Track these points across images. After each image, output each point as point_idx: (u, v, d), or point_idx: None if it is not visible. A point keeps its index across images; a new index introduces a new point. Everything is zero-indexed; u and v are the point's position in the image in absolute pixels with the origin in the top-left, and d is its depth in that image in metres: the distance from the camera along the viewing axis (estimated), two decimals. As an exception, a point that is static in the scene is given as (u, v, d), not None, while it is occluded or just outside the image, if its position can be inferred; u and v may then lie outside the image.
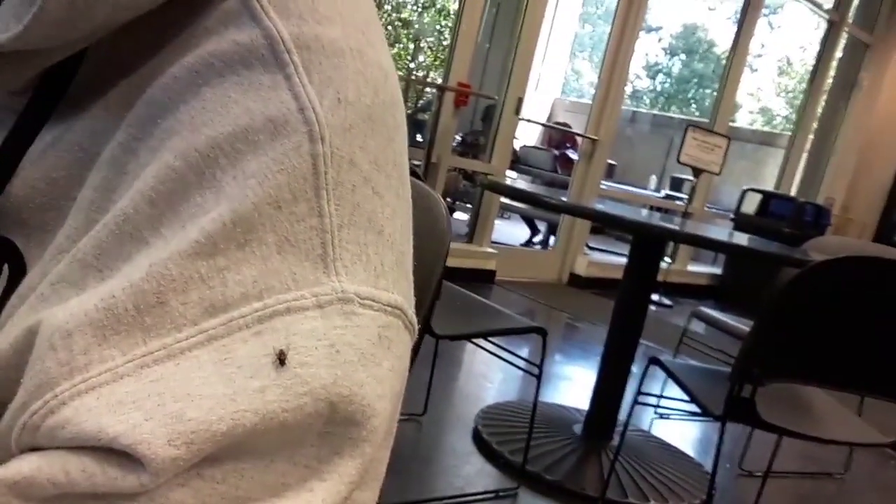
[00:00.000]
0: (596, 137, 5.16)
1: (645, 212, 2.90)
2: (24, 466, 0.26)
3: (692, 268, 6.20)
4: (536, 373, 2.09)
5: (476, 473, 2.15)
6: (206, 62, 0.31)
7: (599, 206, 2.45)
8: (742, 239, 2.68)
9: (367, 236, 0.31)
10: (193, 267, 0.28)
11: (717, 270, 6.30)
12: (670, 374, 1.93)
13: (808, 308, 1.65)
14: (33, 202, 0.35)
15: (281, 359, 0.28)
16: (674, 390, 1.88)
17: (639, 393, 2.02)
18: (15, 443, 0.27)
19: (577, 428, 2.45)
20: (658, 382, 2.87)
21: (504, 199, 5.10)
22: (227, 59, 0.31)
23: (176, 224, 0.29)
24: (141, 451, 0.25)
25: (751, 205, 6.14)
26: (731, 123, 6.30)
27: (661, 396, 2.40)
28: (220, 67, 0.31)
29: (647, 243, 2.41)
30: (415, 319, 0.34)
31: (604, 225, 2.22)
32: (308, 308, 0.29)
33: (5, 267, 0.35)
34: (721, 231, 3.00)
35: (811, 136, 6.70)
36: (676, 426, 2.88)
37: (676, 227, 2.34)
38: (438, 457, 2.23)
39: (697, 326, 2.87)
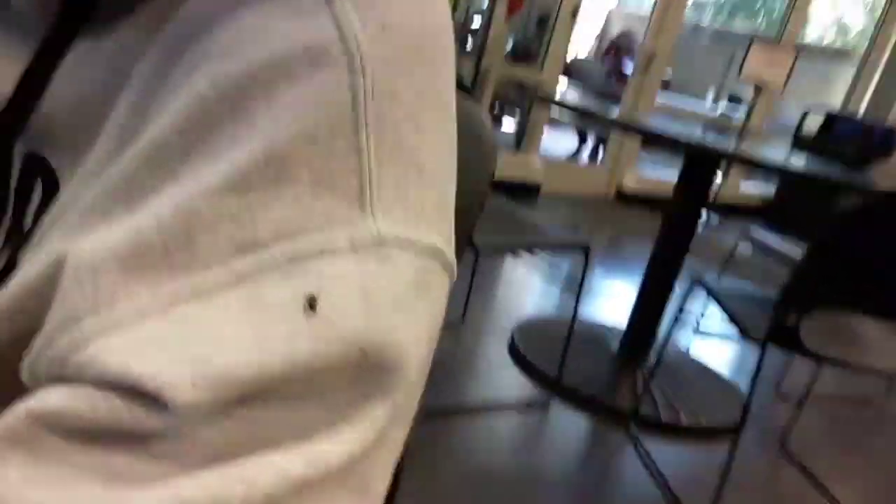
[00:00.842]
0: (653, 51, 4.93)
1: (699, 129, 2.78)
2: (53, 399, 0.26)
3: (745, 186, 6.02)
4: (577, 290, 2.08)
5: (510, 384, 2.19)
6: None
7: (651, 123, 2.35)
8: (800, 161, 2.57)
9: (407, 175, 0.30)
10: (223, 204, 0.27)
11: (771, 191, 6.09)
12: (713, 296, 1.90)
13: (867, 240, 1.58)
14: (65, 121, 0.34)
15: (311, 304, 0.26)
16: (716, 312, 1.86)
17: (680, 311, 2.00)
18: (43, 374, 0.27)
19: (614, 345, 2.46)
20: (700, 302, 2.84)
21: (554, 110, 4.96)
22: None
23: (207, 156, 0.28)
24: (166, 395, 0.25)
25: (813, 125, 5.86)
26: (798, 40, 5.93)
27: (701, 317, 2.38)
28: None
29: (698, 163, 2.33)
30: (454, 261, 0.33)
31: (655, 143, 2.14)
32: (341, 250, 0.27)
33: (39, 184, 0.35)
34: (778, 152, 2.87)
35: (888, 53, 6.28)
36: (714, 346, 2.86)
37: (730, 148, 2.24)
38: (473, 365, 2.27)
39: (745, 248, 2.80)
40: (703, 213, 4.61)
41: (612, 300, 3.21)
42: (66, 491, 0.25)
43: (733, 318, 1.78)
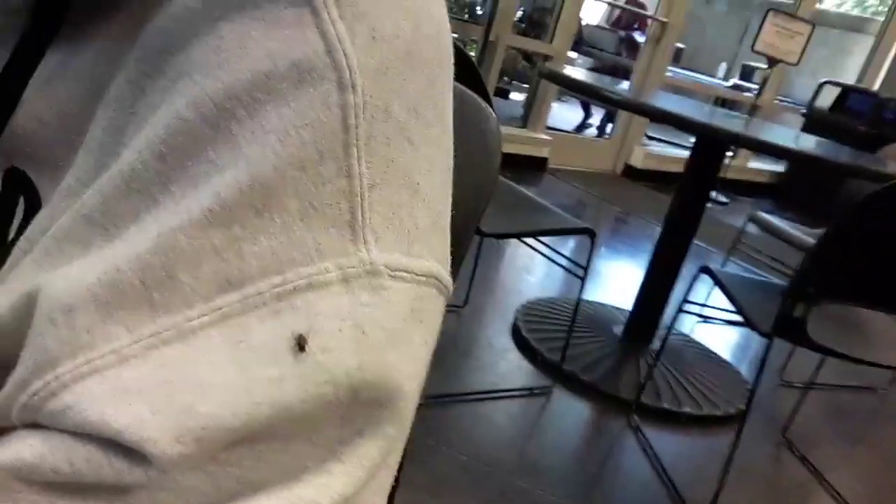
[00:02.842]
0: (666, 20, 4.83)
1: (709, 107, 2.73)
2: (27, 452, 0.25)
3: (754, 164, 5.94)
4: (581, 274, 2.05)
5: (512, 369, 2.18)
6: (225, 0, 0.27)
7: (659, 103, 2.31)
8: (810, 143, 2.52)
9: (400, 196, 0.28)
10: (206, 237, 0.25)
11: (780, 168, 6.03)
12: (720, 286, 1.87)
13: (879, 230, 1.55)
14: (42, 136, 0.33)
15: (301, 344, 0.25)
16: (721, 298, 1.83)
17: (685, 301, 1.98)
18: (16, 419, 0.26)
19: (618, 329, 2.44)
20: (705, 285, 2.82)
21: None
22: None
23: (187, 182, 0.26)
24: (148, 449, 0.24)
25: (827, 99, 5.76)
26: (817, 5, 5.80)
27: (705, 306, 2.35)
28: (240, 3, 0.27)
29: (708, 144, 2.28)
30: (450, 282, 0.32)
31: (664, 122, 2.10)
32: (332, 283, 0.26)
33: (21, 199, 0.34)
34: (788, 133, 2.82)
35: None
36: (718, 332, 2.84)
37: (739, 131, 2.20)
38: (476, 351, 2.26)
39: (753, 228, 2.76)
40: (712, 191, 4.56)
41: (616, 281, 3.19)
42: None
43: (740, 310, 1.75)
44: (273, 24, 0.27)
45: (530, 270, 3.08)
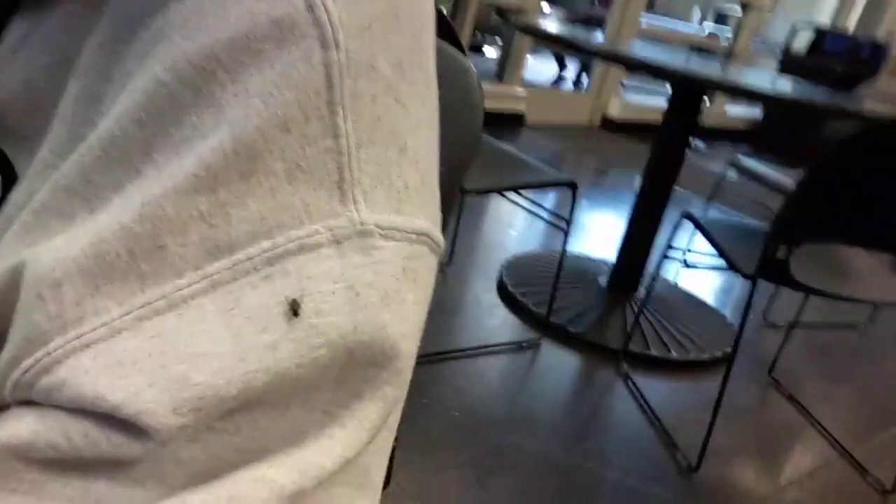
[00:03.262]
0: (638, -33, 4.77)
1: (685, 55, 2.71)
2: (23, 429, 0.25)
3: (731, 109, 5.94)
4: (564, 227, 2.05)
5: (500, 325, 2.18)
6: None
7: (635, 52, 2.28)
8: (786, 86, 2.51)
9: (388, 154, 0.28)
10: (192, 204, 0.25)
11: (758, 113, 6.03)
12: (702, 230, 1.88)
13: (857, 169, 1.55)
14: (13, 108, 0.32)
15: (294, 308, 0.25)
16: (705, 244, 1.84)
17: (668, 248, 1.98)
18: (10, 396, 0.26)
19: (603, 280, 2.45)
20: (687, 231, 2.83)
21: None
22: None
23: (169, 149, 0.26)
24: (145, 422, 0.24)
25: (803, 41, 5.74)
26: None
27: (689, 251, 2.36)
28: None
29: (685, 91, 2.27)
30: (442, 240, 0.32)
31: (640, 71, 2.08)
32: (322, 245, 0.26)
33: None
34: (764, 77, 2.80)
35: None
36: (702, 277, 2.87)
37: (715, 76, 2.18)
38: (463, 308, 2.26)
39: (733, 173, 2.77)
40: (690, 140, 4.57)
41: (599, 233, 3.19)
42: None
43: (723, 254, 1.76)
44: None
45: (513, 225, 3.07)
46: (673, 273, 2.75)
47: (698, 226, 1.90)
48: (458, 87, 0.62)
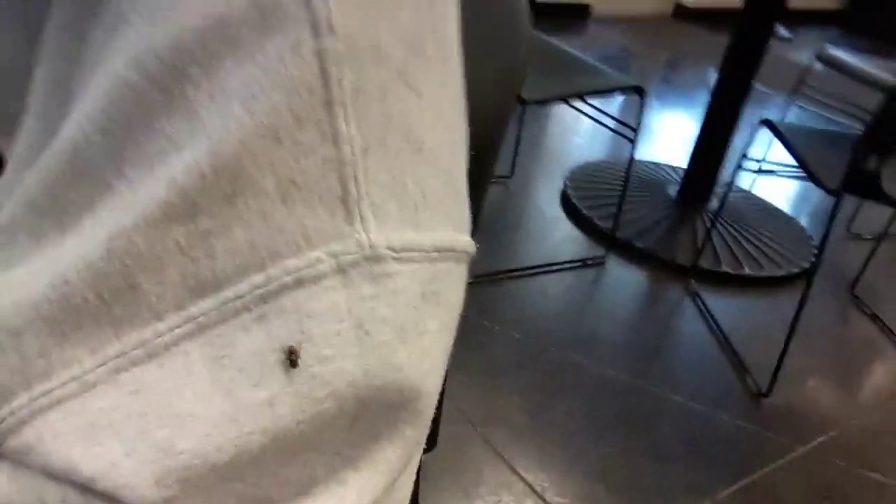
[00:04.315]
0: None
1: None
2: None
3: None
4: (631, 136, 1.93)
5: (563, 240, 2.12)
6: None
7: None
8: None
9: (401, 157, 0.24)
10: (167, 235, 0.21)
11: (850, -9, 5.50)
12: (783, 140, 1.74)
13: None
14: None
15: (292, 357, 0.22)
16: (783, 151, 1.71)
17: (744, 157, 1.85)
18: None
19: (673, 190, 2.34)
20: (766, 135, 2.65)
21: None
22: None
23: (141, 161, 0.22)
24: (125, 496, 0.21)
25: None
26: None
27: (765, 162, 2.21)
28: None
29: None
30: (471, 245, 0.27)
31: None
32: (325, 275, 0.22)
33: None
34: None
35: None
36: (781, 184, 2.70)
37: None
38: (525, 222, 2.20)
39: (820, 66, 2.55)
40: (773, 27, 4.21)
41: (670, 138, 3.03)
42: None
43: (805, 166, 1.63)
44: None
45: (578, 132, 2.94)
46: (748, 181, 2.60)
47: (778, 134, 1.76)
48: (501, 7, 0.55)
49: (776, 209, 2.45)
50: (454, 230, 0.26)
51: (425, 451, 0.31)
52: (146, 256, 0.21)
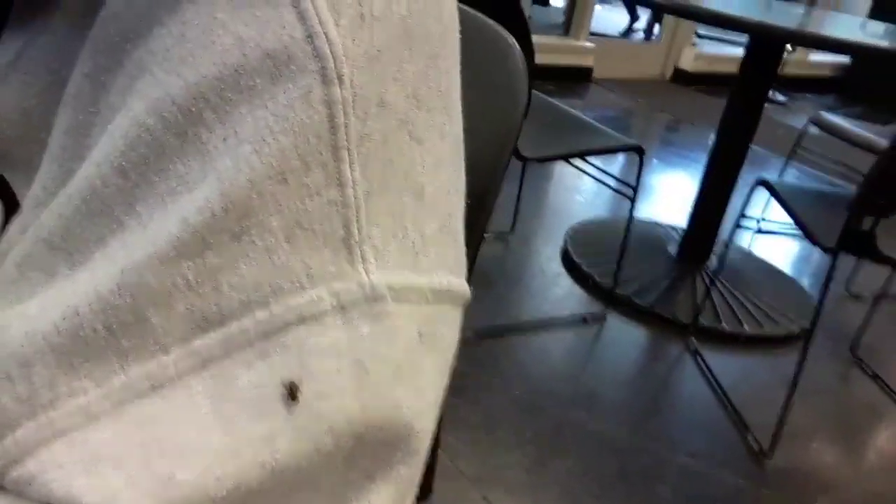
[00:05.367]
0: None
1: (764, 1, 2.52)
2: None
3: (815, 57, 5.57)
4: (631, 194, 1.96)
5: (564, 296, 2.13)
6: None
7: (708, 3, 2.13)
8: (878, 30, 2.31)
9: (402, 201, 0.25)
10: (177, 271, 0.22)
11: (845, 59, 5.64)
12: (779, 199, 1.76)
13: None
14: (8, 134, 0.30)
15: (293, 391, 0.23)
16: (780, 209, 1.73)
17: (742, 216, 1.88)
18: None
19: (672, 248, 2.35)
20: (763, 195, 2.69)
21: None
22: None
23: (153, 200, 0.23)
24: None
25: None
26: None
27: (764, 220, 2.23)
28: None
29: (765, 45, 2.11)
30: (466, 289, 0.29)
31: (715, 24, 1.95)
32: (326, 314, 0.23)
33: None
34: (852, 23, 2.59)
35: None
36: (778, 242, 2.72)
37: (797, 27, 2.02)
38: (526, 278, 2.21)
39: (815, 129, 2.59)
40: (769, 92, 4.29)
41: (669, 196, 3.06)
42: None
43: (801, 225, 1.65)
44: (244, 4, 0.23)
45: (578, 190, 2.98)
46: (747, 240, 2.62)
47: (775, 194, 1.78)
48: (500, 69, 0.58)
49: (775, 269, 2.46)
50: (451, 274, 0.27)
51: (419, 500, 0.32)
52: (156, 291, 0.22)
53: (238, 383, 0.23)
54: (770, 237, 2.69)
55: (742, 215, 1.88)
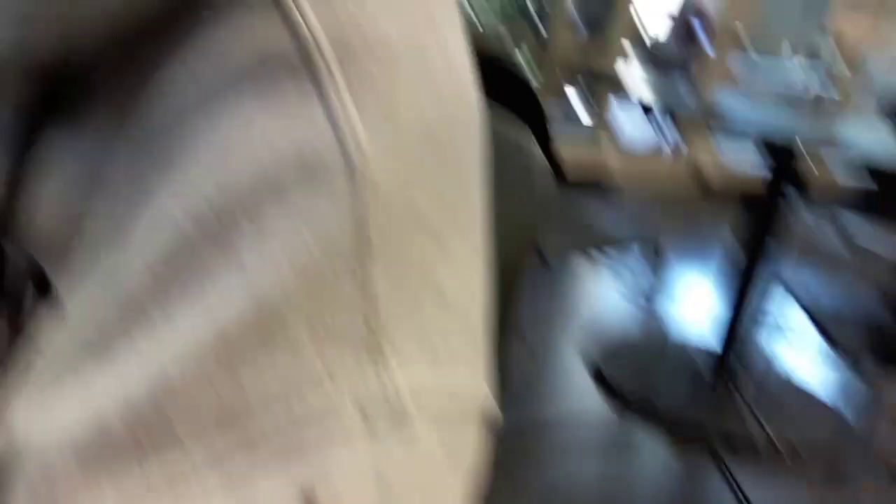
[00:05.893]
0: (735, 24, 4.66)
1: (775, 108, 2.57)
2: None
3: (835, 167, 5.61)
4: (648, 304, 1.94)
5: (587, 408, 2.07)
6: (218, 69, 0.24)
7: (724, 116, 2.18)
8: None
9: (423, 303, 0.25)
10: (202, 373, 0.23)
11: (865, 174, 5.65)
12: (806, 311, 1.72)
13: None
14: (51, 224, 0.31)
15: (309, 499, 0.22)
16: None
17: (778, 329, 1.83)
18: None
19: (700, 362, 2.28)
20: (790, 301, 2.64)
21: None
22: (245, 64, 0.24)
23: (184, 301, 0.24)
24: None
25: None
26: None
27: (790, 329, 2.18)
28: (235, 76, 0.24)
29: (781, 157, 2.14)
30: (486, 391, 0.29)
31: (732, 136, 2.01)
32: (350, 423, 0.23)
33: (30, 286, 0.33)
34: (870, 137, 2.62)
35: None
36: (813, 360, 2.63)
37: (812, 138, 2.05)
38: (546, 383, 2.16)
39: (836, 241, 2.57)
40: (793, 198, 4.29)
41: (695, 302, 3.02)
42: None
43: (830, 341, 1.61)
44: (275, 107, 0.23)
45: (601, 294, 2.95)
46: (779, 354, 2.55)
47: (802, 306, 1.75)
48: (520, 180, 0.58)
49: (809, 391, 2.34)
50: (472, 375, 0.28)
51: None
52: (181, 392, 0.23)
53: (254, 482, 0.22)
54: (804, 353, 2.61)
55: (778, 328, 1.83)
